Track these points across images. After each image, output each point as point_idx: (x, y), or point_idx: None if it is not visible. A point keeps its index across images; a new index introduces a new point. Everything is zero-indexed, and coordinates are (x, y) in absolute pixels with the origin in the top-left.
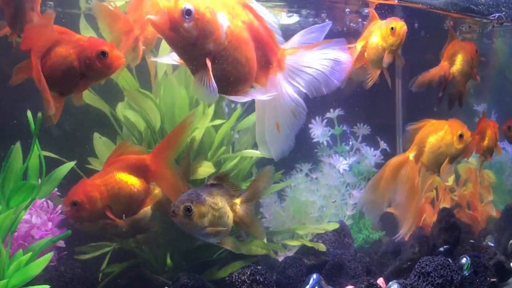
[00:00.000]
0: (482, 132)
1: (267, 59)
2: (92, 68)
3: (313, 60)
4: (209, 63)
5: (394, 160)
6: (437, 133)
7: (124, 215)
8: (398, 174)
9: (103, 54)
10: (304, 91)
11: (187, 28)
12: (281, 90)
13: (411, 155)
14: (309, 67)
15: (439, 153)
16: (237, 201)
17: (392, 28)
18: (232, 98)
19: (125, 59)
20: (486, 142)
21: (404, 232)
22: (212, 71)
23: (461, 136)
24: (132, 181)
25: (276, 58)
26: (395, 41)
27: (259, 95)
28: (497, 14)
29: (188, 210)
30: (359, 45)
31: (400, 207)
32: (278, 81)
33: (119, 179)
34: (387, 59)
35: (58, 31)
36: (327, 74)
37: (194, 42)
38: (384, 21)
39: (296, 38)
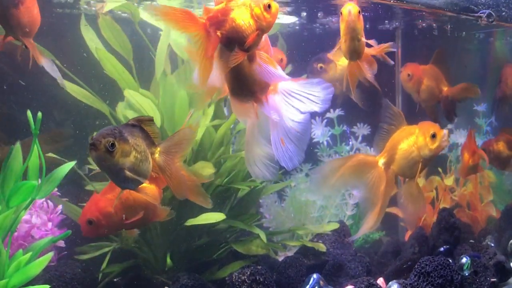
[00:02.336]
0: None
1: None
2: (263, 21)
3: (301, 90)
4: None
5: (363, 157)
6: (409, 138)
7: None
8: (364, 176)
9: (269, 6)
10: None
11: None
12: (281, 109)
13: (380, 161)
14: (297, 94)
15: (412, 158)
16: (157, 150)
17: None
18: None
19: None
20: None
21: (362, 233)
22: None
23: (433, 135)
24: (149, 188)
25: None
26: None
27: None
28: (486, 11)
29: (111, 145)
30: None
31: (364, 208)
32: (278, 100)
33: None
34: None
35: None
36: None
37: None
38: None
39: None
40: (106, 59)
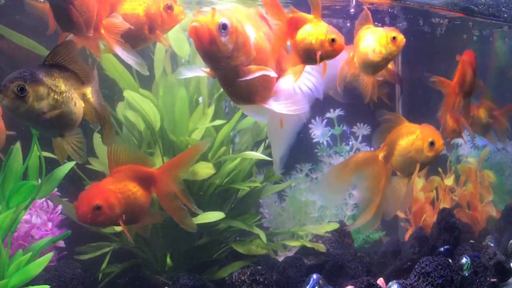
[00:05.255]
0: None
1: (280, 66)
2: (325, 48)
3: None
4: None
5: (362, 155)
6: (408, 137)
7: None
8: (365, 171)
9: (333, 40)
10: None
11: (223, 41)
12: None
13: (380, 155)
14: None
15: (409, 157)
16: (88, 90)
17: (393, 38)
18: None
19: None
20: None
21: (357, 225)
22: (240, 82)
23: (432, 143)
24: (143, 193)
25: (288, 66)
26: (395, 51)
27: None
28: None
29: (21, 89)
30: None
31: (362, 202)
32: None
33: (134, 189)
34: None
35: None
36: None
37: (229, 55)
38: (380, 29)
39: None
40: (107, 59)
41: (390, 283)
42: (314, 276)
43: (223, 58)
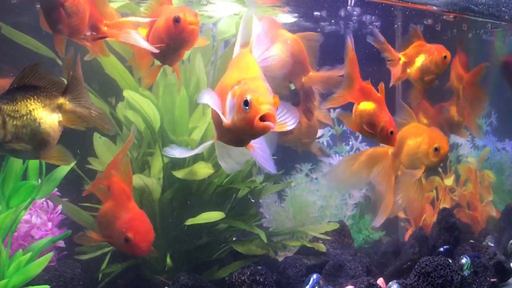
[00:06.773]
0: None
1: None
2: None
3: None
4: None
5: (374, 150)
6: (416, 138)
7: None
8: (376, 167)
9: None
10: None
11: None
12: None
13: (390, 151)
14: None
15: (415, 158)
16: (63, 100)
17: (445, 57)
18: None
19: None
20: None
21: (379, 222)
22: None
23: (436, 149)
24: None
25: None
26: (444, 68)
27: None
28: None
29: None
30: (402, 59)
31: (377, 198)
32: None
33: None
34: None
35: None
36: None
37: None
38: (433, 46)
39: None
40: (107, 59)
41: (390, 283)
42: (314, 276)
43: None
